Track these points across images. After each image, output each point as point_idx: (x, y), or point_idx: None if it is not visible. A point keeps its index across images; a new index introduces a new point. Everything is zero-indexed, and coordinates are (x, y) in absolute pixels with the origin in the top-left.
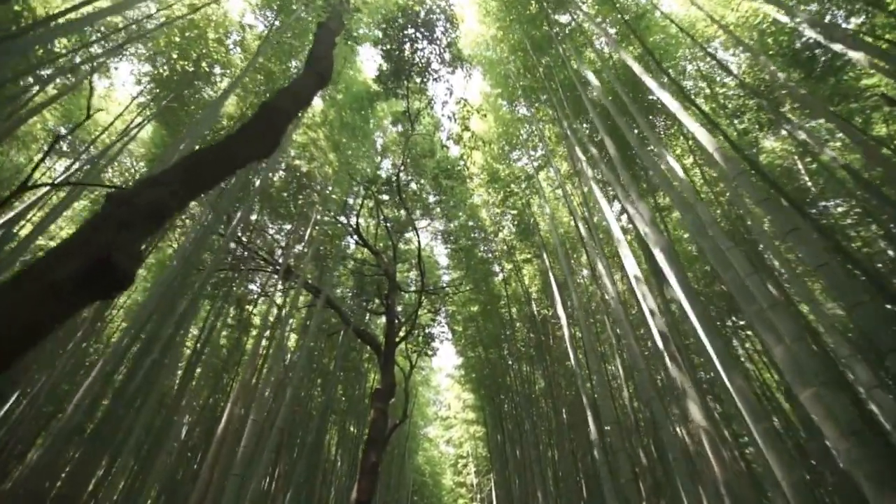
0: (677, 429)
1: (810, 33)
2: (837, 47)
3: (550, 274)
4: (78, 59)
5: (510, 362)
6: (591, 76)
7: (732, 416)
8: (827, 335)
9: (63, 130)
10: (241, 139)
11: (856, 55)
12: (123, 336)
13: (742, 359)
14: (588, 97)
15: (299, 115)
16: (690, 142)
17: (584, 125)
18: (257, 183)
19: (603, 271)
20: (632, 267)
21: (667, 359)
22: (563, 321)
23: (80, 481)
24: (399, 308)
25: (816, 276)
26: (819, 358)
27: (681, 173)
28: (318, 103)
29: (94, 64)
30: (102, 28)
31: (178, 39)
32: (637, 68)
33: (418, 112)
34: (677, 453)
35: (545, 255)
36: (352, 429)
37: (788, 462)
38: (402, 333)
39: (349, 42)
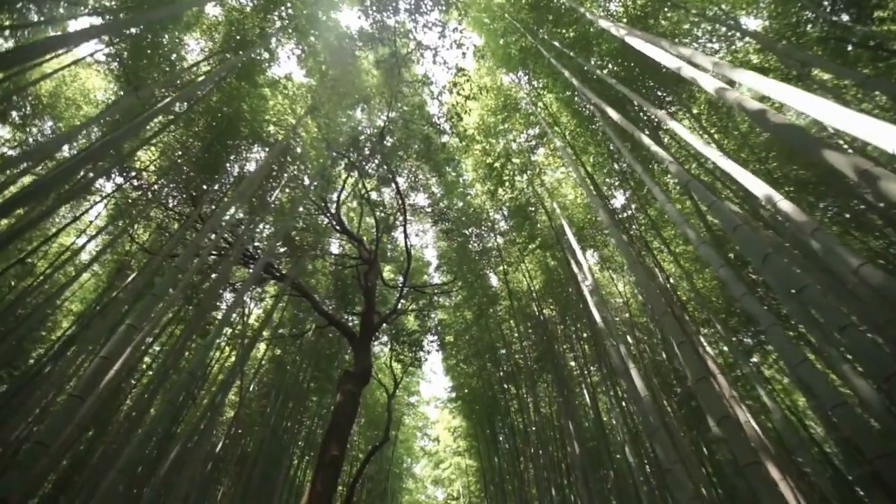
0: None
1: None
2: None
3: (565, 224)
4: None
5: (506, 382)
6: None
7: None
8: None
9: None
10: None
11: None
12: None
13: None
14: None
15: None
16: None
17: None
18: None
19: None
20: None
21: None
22: (585, 269)
23: None
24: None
25: None
26: None
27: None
28: (298, 76)
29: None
30: None
31: None
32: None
33: (406, 55)
34: None
35: (559, 210)
36: None
37: None
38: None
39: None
